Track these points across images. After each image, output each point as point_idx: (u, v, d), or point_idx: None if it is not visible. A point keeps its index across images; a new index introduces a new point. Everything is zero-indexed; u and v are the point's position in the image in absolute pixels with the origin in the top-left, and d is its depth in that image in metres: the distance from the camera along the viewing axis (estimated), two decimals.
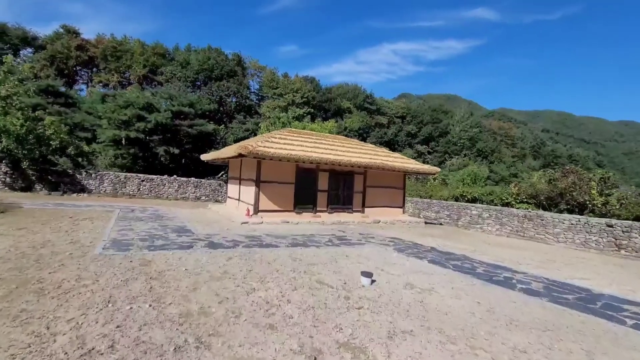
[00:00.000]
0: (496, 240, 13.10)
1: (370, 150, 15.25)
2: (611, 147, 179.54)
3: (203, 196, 20.55)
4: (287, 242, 8.36)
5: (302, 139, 13.51)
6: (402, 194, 15.84)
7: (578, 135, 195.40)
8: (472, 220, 17.26)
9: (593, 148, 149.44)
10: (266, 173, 12.07)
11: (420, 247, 9.25)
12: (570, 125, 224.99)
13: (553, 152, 73.06)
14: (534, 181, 15.27)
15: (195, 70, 41.09)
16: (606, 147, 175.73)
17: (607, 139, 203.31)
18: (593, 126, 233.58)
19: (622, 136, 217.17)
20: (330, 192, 13.58)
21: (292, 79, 47.48)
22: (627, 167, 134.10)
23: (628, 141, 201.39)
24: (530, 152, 77.42)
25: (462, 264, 7.52)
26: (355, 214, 14.14)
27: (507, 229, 15.70)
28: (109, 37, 43.47)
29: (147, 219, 10.62)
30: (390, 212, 15.30)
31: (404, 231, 12.87)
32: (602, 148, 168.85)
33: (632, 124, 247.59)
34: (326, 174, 13.39)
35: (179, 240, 7.49)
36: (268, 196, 12.18)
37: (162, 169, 27.51)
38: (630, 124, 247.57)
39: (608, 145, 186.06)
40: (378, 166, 13.25)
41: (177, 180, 19.83)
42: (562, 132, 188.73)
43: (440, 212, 19.52)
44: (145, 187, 18.92)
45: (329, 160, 12.04)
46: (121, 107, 26.29)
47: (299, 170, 12.72)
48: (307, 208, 13.03)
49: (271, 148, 11.27)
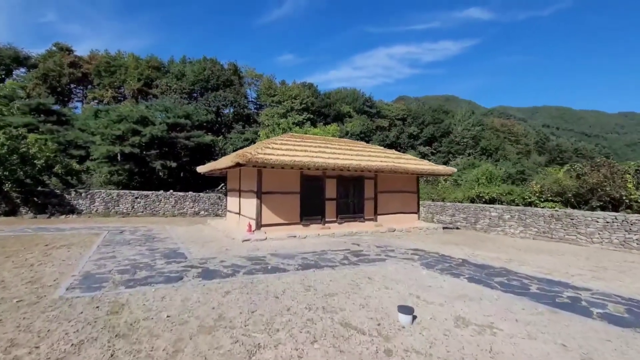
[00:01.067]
0: (525, 245, 11.78)
1: (380, 153, 14.06)
2: (613, 139, 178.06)
3: (202, 211, 19.34)
4: (296, 263, 7.10)
5: (305, 144, 12.35)
6: (415, 199, 14.58)
7: (578, 129, 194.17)
8: (491, 222, 15.97)
9: (594, 141, 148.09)
10: (268, 183, 10.88)
11: (450, 260, 7.97)
12: (570, 120, 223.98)
13: (558, 146, 71.72)
14: (559, 177, 14.01)
15: (190, 82, 40.32)
16: (608, 140, 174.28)
17: (608, 132, 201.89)
18: (593, 119, 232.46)
19: (622, 127, 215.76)
20: (339, 201, 12.35)
21: (290, 86, 46.67)
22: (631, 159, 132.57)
23: (629, 132, 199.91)
24: (534, 148, 76.09)
25: (508, 280, 6.23)
26: (367, 222, 12.88)
27: (532, 230, 14.39)
28: (102, 53, 42.92)
29: (136, 241, 9.39)
30: (404, 218, 14.03)
31: (423, 239, 11.59)
32: (604, 140, 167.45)
33: (631, 114, 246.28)
34: (334, 180, 12.19)
35: (167, 269, 6.25)
36: (271, 208, 10.96)
37: (160, 184, 26.39)
38: (629, 115, 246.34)
39: (609, 137, 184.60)
40: (390, 169, 12.04)
41: (174, 195, 18.65)
42: (563, 127, 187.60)
43: (455, 215, 18.24)
44: (140, 205, 17.73)
45: (336, 165, 10.84)
46: (114, 121, 25.32)
47: (303, 178, 11.52)
48: (314, 219, 11.79)
49: (272, 155, 10.09)
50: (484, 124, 69.31)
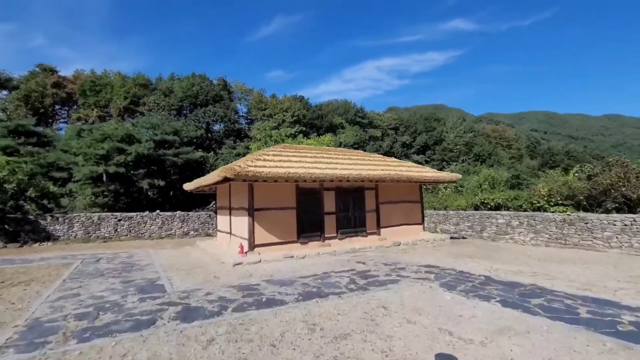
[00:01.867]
0: (541, 254, 10.88)
1: (379, 161, 13.21)
2: (599, 141, 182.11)
3: (191, 231, 18.11)
4: (295, 291, 6.03)
5: (300, 155, 11.43)
6: (419, 208, 13.67)
7: (565, 133, 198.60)
8: (499, 230, 15.13)
9: (582, 143, 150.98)
10: (260, 198, 9.86)
11: (471, 278, 6.99)
12: (556, 124, 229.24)
13: (550, 150, 72.35)
14: (568, 179, 13.31)
15: (179, 98, 39.50)
16: (594, 141, 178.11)
17: (593, 134, 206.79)
18: (578, 122, 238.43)
19: (607, 129, 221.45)
20: (339, 214, 11.36)
21: (281, 99, 46.25)
22: None
23: (614, 134, 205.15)
24: (526, 152, 76.67)
25: (548, 302, 5.27)
26: (370, 237, 11.87)
27: (543, 237, 13.56)
28: (87, 73, 42.01)
29: (111, 272, 8.20)
30: (409, 230, 13.06)
31: (433, 253, 10.61)
32: (591, 142, 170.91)
33: (615, 117, 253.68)
34: (332, 193, 11.23)
35: (139, 308, 5.12)
36: (265, 226, 9.90)
37: (149, 204, 25.05)
38: (613, 117, 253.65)
39: (595, 139, 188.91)
40: (392, 178, 11.15)
41: (161, 215, 17.43)
42: (550, 131, 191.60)
43: (460, 224, 17.38)
44: (124, 228, 16.44)
45: (335, 176, 9.91)
46: (98, 140, 24.14)
47: (299, 191, 10.54)
48: (313, 236, 10.74)
49: (264, 167, 9.13)
50: (475, 130, 69.74)
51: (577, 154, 71.27)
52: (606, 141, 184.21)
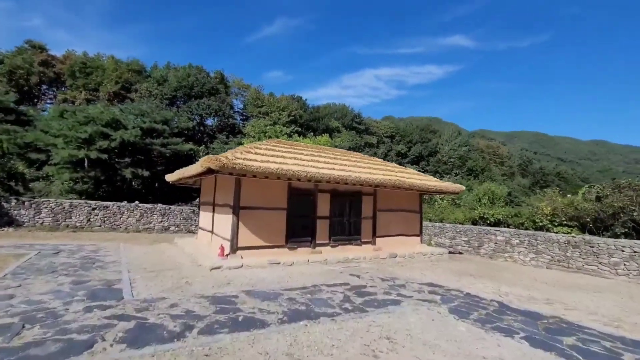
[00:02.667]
0: (546, 277, 10.12)
1: (380, 165, 12.33)
2: (586, 166, 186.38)
3: (172, 226, 16.87)
4: (279, 309, 5.01)
5: (295, 151, 10.46)
6: (418, 219, 12.82)
7: (554, 154, 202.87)
8: (497, 247, 14.41)
9: (570, 166, 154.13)
10: (248, 196, 8.83)
11: (482, 303, 6.09)
12: (547, 145, 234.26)
13: (541, 169, 73.07)
14: (577, 199, 12.68)
15: (173, 88, 38.10)
16: (582, 165, 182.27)
17: (581, 158, 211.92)
18: (568, 145, 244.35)
19: (594, 155, 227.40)
20: (333, 220, 10.38)
21: (278, 97, 45.26)
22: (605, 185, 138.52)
23: (601, 159, 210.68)
24: (518, 171, 77.26)
25: (584, 344, 4.38)
26: (365, 246, 10.93)
27: (545, 258, 12.86)
28: (79, 54, 40.28)
29: (65, 269, 7.03)
30: (406, 242, 12.18)
31: (432, 269, 9.72)
32: (579, 166, 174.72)
33: (602, 143, 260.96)
34: (327, 195, 10.26)
35: (79, 321, 4.03)
36: (251, 227, 8.86)
37: (131, 194, 23.60)
38: (600, 143, 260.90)
39: (583, 163, 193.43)
40: (394, 184, 10.26)
41: (140, 207, 16.16)
42: (540, 152, 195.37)
43: (456, 237, 16.63)
44: (98, 218, 15.12)
45: (332, 177, 8.96)
46: (81, 123, 22.67)
47: (292, 191, 9.54)
48: (303, 241, 9.74)
49: (254, 161, 8.12)
50: (470, 144, 69.96)
51: (568, 176, 72.17)
52: (593, 166, 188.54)
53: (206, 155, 7.24)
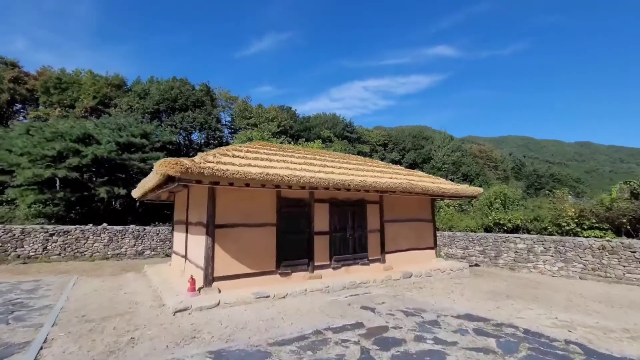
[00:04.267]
0: (593, 292, 8.35)
1: (385, 167, 10.60)
2: (574, 167, 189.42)
3: (147, 250, 14.68)
4: None
5: (284, 154, 8.66)
6: (431, 229, 11.04)
7: (542, 157, 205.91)
8: (518, 257, 12.71)
9: (558, 168, 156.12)
10: (226, 210, 6.93)
11: (558, 349, 4.25)
12: (534, 149, 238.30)
13: (535, 172, 72.76)
14: (611, 197, 11.14)
15: (155, 101, 36.20)
16: (569, 167, 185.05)
17: (568, 159, 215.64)
18: (554, 148, 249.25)
19: (581, 156, 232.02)
20: (334, 235, 8.52)
21: (267, 108, 43.77)
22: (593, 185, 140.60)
23: (587, 160, 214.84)
24: (512, 174, 76.87)
25: None
26: (373, 266, 9.05)
27: (576, 266, 11.19)
28: (55, 70, 38.22)
29: None
30: (419, 257, 10.35)
31: (459, 290, 7.89)
32: (566, 168, 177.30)
33: (587, 144, 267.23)
34: (325, 206, 8.43)
35: None
36: (231, 250, 6.92)
37: (110, 216, 21.29)
38: (585, 144, 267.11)
39: (570, 165, 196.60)
40: (405, 188, 8.50)
41: (108, 230, 13.98)
42: (528, 155, 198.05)
43: (469, 247, 14.89)
44: (56, 245, 12.89)
45: (331, 182, 7.15)
46: (48, 139, 20.56)
47: (282, 202, 7.69)
48: (298, 264, 7.82)
49: (231, 165, 6.29)
50: (462, 149, 69.39)
51: (561, 177, 71.99)
52: (580, 167, 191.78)
53: (163, 159, 5.37)
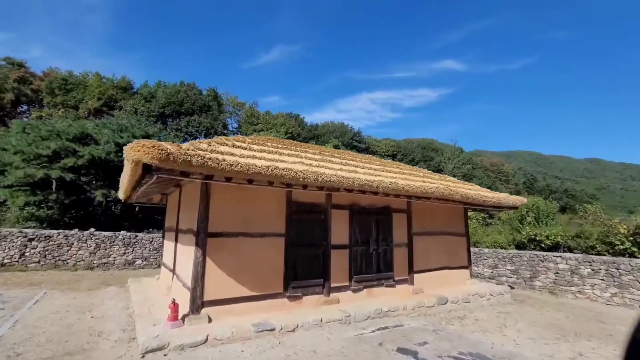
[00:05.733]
0: None
1: (412, 170, 9.07)
2: (583, 183, 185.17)
3: (138, 259, 13.19)
4: None
5: (298, 150, 7.21)
6: (465, 245, 9.41)
7: (551, 173, 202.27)
8: (559, 279, 10.96)
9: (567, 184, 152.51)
10: (222, 215, 5.45)
11: None
12: (542, 164, 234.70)
13: (548, 187, 70.33)
14: None
15: (161, 104, 35.41)
16: (579, 183, 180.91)
17: (577, 176, 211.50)
18: (563, 164, 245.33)
19: (590, 172, 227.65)
20: (355, 249, 6.95)
21: (275, 115, 42.77)
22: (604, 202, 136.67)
23: (597, 177, 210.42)
24: (523, 188, 74.51)
25: None
26: (399, 288, 7.42)
27: (633, 293, 9.44)
28: (62, 71, 37.81)
29: None
30: (451, 277, 8.68)
31: (512, 324, 6.22)
32: (576, 184, 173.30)
33: (596, 161, 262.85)
34: (344, 213, 6.90)
35: None
36: (226, 266, 5.40)
37: (107, 220, 20.03)
38: (594, 161, 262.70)
39: (580, 181, 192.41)
40: (442, 194, 6.95)
41: (95, 236, 12.54)
42: (537, 171, 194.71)
43: (498, 266, 13.17)
44: (36, 252, 11.47)
45: (357, 182, 5.64)
46: (43, 138, 19.50)
47: (292, 206, 6.18)
48: (311, 285, 6.24)
49: (230, 155, 4.84)
50: (473, 162, 67.51)
51: (576, 193, 69.40)
52: (590, 183, 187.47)
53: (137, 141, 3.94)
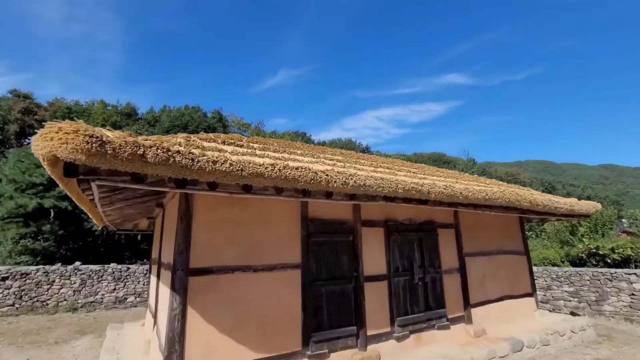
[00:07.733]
0: None
1: (452, 174, 7.32)
2: (600, 190, 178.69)
3: (131, 296, 11.42)
4: None
5: (312, 150, 5.60)
6: (526, 265, 7.44)
7: (565, 181, 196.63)
8: (636, 302, 8.81)
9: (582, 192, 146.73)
10: (210, 241, 3.76)
11: None
12: (555, 173, 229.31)
13: (569, 195, 66.94)
14: None
15: (165, 128, 34.77)
16: (595, 190, 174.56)
17: (593, 183, 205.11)
18: (576, 172, 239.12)
19: (607, 179, 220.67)
20: (395, 280, 5.13)
21: (281, 133, 41.78)
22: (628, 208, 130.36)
23: (614, 183, 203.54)
24: None
25: None
26: (455, 329, 5.50)
27: None
28: (69, 102, 37.88)
29: None
30: (515, 309, 6.69)
31: None
32: (592, 191, 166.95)
33: (611, 166, 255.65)
34: (379, 231, 5.15)
35: None
36: (217, 318, 3.65)
37: (108, 251, 18.59)
38: (609, 167, 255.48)
39: (596, 188, 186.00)
40: (509, 201, 5.16)
41: (80, 271, 10.89)
42: (549, 179, 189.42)
43: (552, 287, 11.03)
44: (10, 292, 9.84)
45: (401, 186, 3.93)
46: (37, 165, 18.44)
47: (310, 225, 4.47)
48: (341, 337, 4.40)
49: (218, 152, 3.22)
50: (487, 172, 65.08)
51: (600, 200, 65.88)
52: (607, 190, 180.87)
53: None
